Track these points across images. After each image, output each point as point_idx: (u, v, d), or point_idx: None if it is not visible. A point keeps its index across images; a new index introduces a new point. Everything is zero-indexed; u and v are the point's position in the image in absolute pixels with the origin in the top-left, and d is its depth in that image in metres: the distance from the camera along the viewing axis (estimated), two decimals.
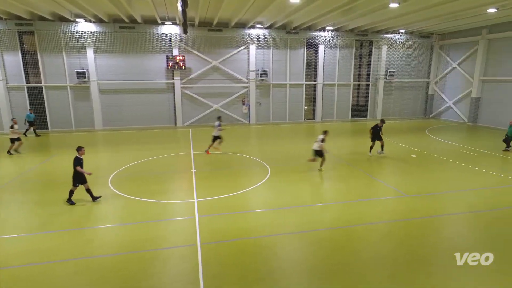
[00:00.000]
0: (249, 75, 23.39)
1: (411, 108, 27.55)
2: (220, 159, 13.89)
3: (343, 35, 24.43)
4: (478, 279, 5.64)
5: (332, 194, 10.04)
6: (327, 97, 25.51)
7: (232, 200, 9.13)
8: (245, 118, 24.24)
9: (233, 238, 6.97)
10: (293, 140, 18.22)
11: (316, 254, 6.40)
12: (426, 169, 12.35)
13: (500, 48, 21.46)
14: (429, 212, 8.36)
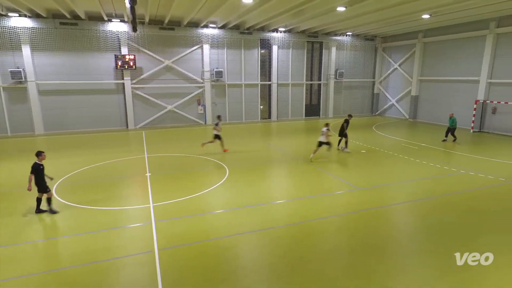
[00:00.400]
0: (203, 75, 23.09)
1: (359, 106, 29.27)
2: (176, 161, 13.52)
3: (295, 36, 25.17)
4: (415, 260, 6.17)
5: (289, 191, 10.30)
6: (281, 97, 26.11)
7: (190, 203, 8.94)
8: (201, 118, 23.89)
9: (193, 242, 6.84)
10: (250, 139, 18.36)
11: (275, 251, 6.52)
12: (374, 163, 13.22)
13: (434, 51, 23.68)
14: (378, 203, 8.96)
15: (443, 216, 8.13)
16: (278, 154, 14.97)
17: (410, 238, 7.27)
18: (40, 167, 8.03)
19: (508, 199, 9.30)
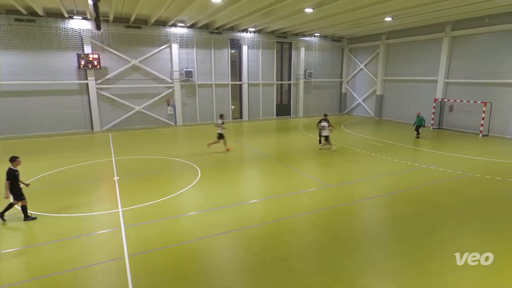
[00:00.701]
0: (173, 75, 22.62)
1: (328, 105, 30.07)
2: (146, 164, 13.14)
3: (264, 36, 25.36)
4: (382, 251, 6.47)
5: (262, 190, 10.36)
6: (252, 97, 26.21)
7: (161, 206, 8.73)
8: (171, 119, 23.39)
9: (165, 245, 6.68)
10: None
11: (250, 250, 6.55)
12: (343, 160, 13.65)
13: (396, 52, 24.85)
14: (347, 199, 9.27)
15: (407, 209, 8.57)
16: (250, 154, 15.02)
17: (377, 231, 7.60)
18: (15, 173, 7.60)
19: (464, 191, 9.98)
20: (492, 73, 18.69)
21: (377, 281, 5.54)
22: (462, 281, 5.51)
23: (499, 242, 6.77)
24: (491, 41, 18.72)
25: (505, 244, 6.71)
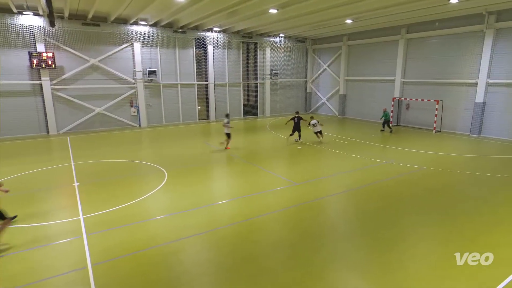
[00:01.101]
0: (135, 75, 21.83)
1: (294, 105, 30.63)
2: (109, 168, 12.56)
3: (230, 36, 25.29)
4: (348, 244, 6.74)
5: (231, 191, 10.33)
6: (219, 97, 26.03)
7: (126, 211, 8.40)
8: (135, 121, 22.57)
9: (131, 252, 6.44)
10: (189, 141, 17.94)
11: (220, 251, 6.50)
12: (310, 158, 14.00)
13: (357, 53, 25.92)
14: (315, 195, 9.52)
15: (370, 203, 8.98)
16: (218, 154, 14.91)
17: (343, 225, 7.89)
18: None
19: (421, 183, 10.65)
20: (443, 73, 20.13)
21: (344, 273, 5.75)
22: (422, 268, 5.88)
23: (455, 231, 7.31)
24: (441, 44, 20.14)
25: (460, 233, 7.25)
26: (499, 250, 6.39)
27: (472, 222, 7.71)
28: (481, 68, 18.07)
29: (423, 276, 5.59)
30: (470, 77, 18.77)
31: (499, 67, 17.53)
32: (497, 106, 17.88)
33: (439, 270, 5.77)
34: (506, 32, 17.10)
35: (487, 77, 17.90)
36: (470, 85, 18.88)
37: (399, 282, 5.43)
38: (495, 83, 17.77)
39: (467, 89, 19.09)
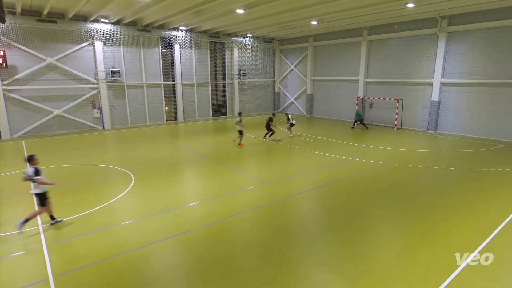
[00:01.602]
0: (97, 74, 20.86)
1: (263, 105, 30.91)
2: (70, 173, 11.90)
3: (197, 36, 24.95)
4: (319, 240, 6.93)
5: (202, 192, 10.20)
6: (187, 97, 25.59)
7: (90, 218, 8.01)
8: (98, 123, 21.57)
9: (98, 260, 6.15)
10: (156, 142, 17.45)
11: (192, 253, 6.40)
12: (279, 157, 14.18)
13: (323, 54, 26.65)
14: (285, 194, 9.67)
15: (338, 198, 9.28)
16: (187, 155, 14.66)
17: (314, 221, 8.08)
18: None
19: (385, 178, 11.18)
20: (402, 73, 21.27)
21: (316, 268, 5.89)
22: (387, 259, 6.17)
23: (415, 223, 7.76)
24: (400, 45, 21.27)
25: (420, 224, 7.70)
26: (452, 239, 6.89)
27: (430, 213, 8.22)
28: (435, 68, 19.33)
29: (389, 267, 5.88)
30: (427, 77, 20.01)
31: (451, 68, 18.86)
32: (450, 104, 19.21)
33: (402, 261, 6.09)
34: (457, 35, 18.43)
35: (441, 77, 19.18)
36: (426, 84, 20.12)
37: (367, 273, 5.67)
38: (449, 83, 19.08)
39: (424, 88, 20.33)
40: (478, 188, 10.09)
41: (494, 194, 9.51)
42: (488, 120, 17.75)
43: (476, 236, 6.96)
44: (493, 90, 17.44)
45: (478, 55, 17.75)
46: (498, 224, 7.50)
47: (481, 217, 7.98)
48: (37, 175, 7.15)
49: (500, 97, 17.19)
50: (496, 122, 17.45)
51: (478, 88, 18.03)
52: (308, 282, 5.49)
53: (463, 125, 18.83)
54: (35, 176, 7.12)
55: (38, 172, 7.19)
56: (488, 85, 17.58)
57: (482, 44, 17.55)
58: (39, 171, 7.24)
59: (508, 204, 8.73)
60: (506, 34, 16.59)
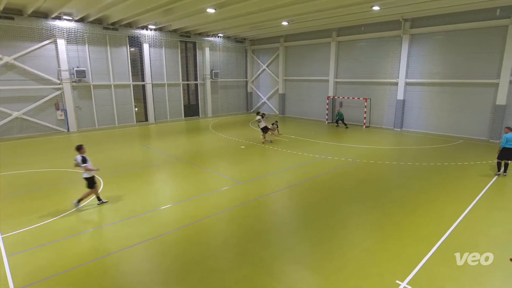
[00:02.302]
0: (61, 74, 19.82)
1: (236, 105, 30.85)
2: (32, 178, 11.21)
3: (167, 35, 24.43)
4: (294, 237, 7.04)
5: (175, 194, 10.01)
6: (158, 98, 24.98)
7: (56, 226, 7.59)
8: (62, 125, 20.50)
9: (65, 269, 5.84)
10: (126, 144, 16.88)
11: (167, 257, 6.26)
12: (253, 157, 14.22)
13: (294, 54, 27.04)
14: (260, 193, 9.71)
15: (312, 196, 9.47)
16: (159, 157, 14.32)
17: (288, 219, 8.18)
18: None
19: (356, 175, 11.55)
20: (370, 73, 22.08)
21: (291, 266, 5.97)
22: (359, 254, 6.38)
23: (384, 217, 8.08)
24: (367, 47, 22.05)
25: (389, 218, 8.04)
26: (419, 230, 7.26)
27: (398, 207, 8.61)
28: (400, 69, 20.25)
29: (361, 261, 6.08)
30: (392, 77, 20.90)
31: (414, 68, 19.84)
32: (414, 103, 20.21)
33: (373, 254, 6.32)
34: (419, 37, 19.42)
35: (405, 77, 20.12)
36: (392, 84, 21.02)
37: (340, 269, 5.83)
38: (412, 82, 20.06)
39: (390, 88, 21.22)
40: (441, 181, 10.70)
41: (455, 187, 10.13)
42: (448, 117, 18.87)
43: (441, 226, 7.38)
44: (452, 90, 18.57)
45: (438, 56, 18.82)
46: (460, 214, 8.01)
47: (444, 208, 8.46)
48: (84, 162, 8.39)
49: (458, 96, 18.33)
50: (455, 119, 18.59)
51: (438, 88, 19.12)
52: (283, 280, 5.55)
53: (426, 122, 19.88)
54: (82, 164, 8.35)
55: (85, 160, 8.43)
56: (447, 85, 18.69)
57: (441, 46, 18.63)
58: (86, 159, 8.47)
59: (468, 195, 9.33)
60: (462, 37, 17.72)
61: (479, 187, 9.99)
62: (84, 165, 8.37)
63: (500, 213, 8.24)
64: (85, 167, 8.38)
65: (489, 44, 16.85)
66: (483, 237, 6.96)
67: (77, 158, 8.46)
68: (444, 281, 5.44)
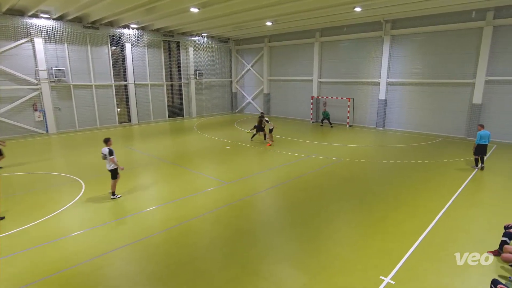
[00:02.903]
0: (38, 74, 19.17)
1: (221, 105, 30.72)
2: (9, 182, 10.79)
3: (150, 34, 24.05)
4: (280, 236, 7.08)
5: (160, 196, 9.86)
6: (141, 98, 24.55)
7: (35, 231, 7.34)
8: (41, 127, 19.84)
9: (44, 276, 5.65)
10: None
11: (152, 260, 6.16)
12: (239, 157, 14.20)
13: (278, 54, 27.16)
14: (246, 193, 9.71)
15: (297, 195, 9.54)
16: (143, 159, 14.08)
17: (274, 218, 8.21)
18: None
19: (340, 173, 11.73)
20: (353, 73, 22.46)
21: (278, 265, 5.99)
22: (344, 251, 6.48)
23: (368, 214, 8.24)
24: (350, 47, 22.42)
25: (373, 215, 8.20)
26: (401, 226, 7.45)
27: (381, 204, 8.80)
28: (382, 69, 20.70)
29: (346, 258, 6.18)
30: (374, 77, 21.34)
31: (395, 69, 20.33)
32: (396, 102, 20.71)
33: (358, 251, 6.44)
34: (399, 38, 19.90)
35: (387, 77, 20.58)
36: (374, 84, 21.46)
37: (326, 267, 5.90)
38: (393, 82, 20.54)
39: (372, 87, 21.65)
40: (422, 178, 11.00)
41: (436, 183, 10.45)
42: (428, 116, 19.43)
43: (422, 222, 7.59)
44: (431, 89, 19.14)
45: (418, 57, 19.35)
46: (440, 210, 8.27)
47: (425, 205, 8.71)
48: (111, 155, 8.95)
49: (438, 95, 18.91)
50: (435, 118, 19.16)
51: (418, 87, 19.66)
52: (271, 279, 5.57)
53: (407, 121, 20.40)
54: (109, 156, 8.93)
55: (112, 152, 8.99)
56: (427, 84, 19.25)
57: (421, 47, 19.17)
58: (113, 151, 9.03)
59: (447, 191, 9.64)
60: (440, 38, 18.29)
61: (458, 183, 10.34)
62: (111, 157, 8.95)
63: (477, 208, 8.56)
64: (112, 159, 8.95)
65: (466, 45, 17.47)
66: (461, 232, 7.21)
67: (104, 150, 8.97)
68: (426, 276, 5.60)
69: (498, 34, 16.36)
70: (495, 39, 16.42)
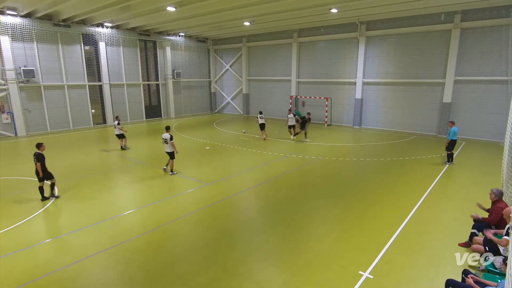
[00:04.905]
0: (5, 74, 18.21)
1: (200, 105, 30.42)
2: None
3: (125, 33, 23.44)
4: (261, 235, 7.10)
5: (139, 198, 9.62)
6: (117, 99, 23.88)
7: (6, 239, 6.96)
8: (9, 129, 18.86)
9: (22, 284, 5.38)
10: (83, 149, 15.92)
11: (130, 265, 6.00)
12: (218, 157, 14.11)
13: (256, 54, 27.25)
14: (226, 193, 9.66)
15: (278, 194, 9.61)
16: (119, 161, 13.70)
17: (256, 218, 8.22)
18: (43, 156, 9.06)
19: (319, 172, 11.92)
20: (330, 73, 22.88)
21: (259, 264, 6.01)
22: (325, 247, 6.59)
23: (347, 210, 8.42)
24: (327, 48, 22.84)
25: (352, 211, 8.39)
26: (379, 221, 7.68)
27: (359, 200, 9.02)
28: (357, 69, 21.22)
29: (326, 254, 6.28)
30: (350, 77, 21.85)
31: (371, 69, 20.91)
32: (371, 102, 21.30)
33: (337, 247, 6.56)
34: (374, 39, 20.49)
35: (362, 77, 21.13)
36: (351, 84, 21.97)
37: (307, 264, 5.97)
38: (369, 82, 21.12)
39: (349, 87, 22.16)
40: (397, 175, 11.38)
41: (410, 179, 10.83)
42: (402, 115, 20.13)
43: (398, 217, 7.85)
44: (404, 89, 19.83)
45: (391, 58, 20.00)
46: (415, 204, 8.59)
47: (401, 200, 9.01)
48: (171, 140, 11.22)
49: (410, 95, 19.63)
50: (408, 116, 19.88)
51: (392, 87, 20.31)
52: (253, 278, 5.57)
53: (382, 120, 21.04)
54: (170, 140, 11.17)
55: (172, 138, 11.26)
56: (400, 84, 19.93)
57: (394, 48, 19.83)
58: (172, 137, 11.30)
59: (421, 187, 10.02)
60: (411, 40, 19.00)
61: (431, 179, 10.78)
62: (172, 141, 11.22)
63: (449, 202, 8.96)
64: (172, 143, 11.23)
65: (436, 46, 18.24)
66: (434, 225, 7.52)
67: (166, 135, 11.21)
68: (403, 268, 5.79)
69: (465, 36, 17.20)
70: (462, 41, 17.25)
